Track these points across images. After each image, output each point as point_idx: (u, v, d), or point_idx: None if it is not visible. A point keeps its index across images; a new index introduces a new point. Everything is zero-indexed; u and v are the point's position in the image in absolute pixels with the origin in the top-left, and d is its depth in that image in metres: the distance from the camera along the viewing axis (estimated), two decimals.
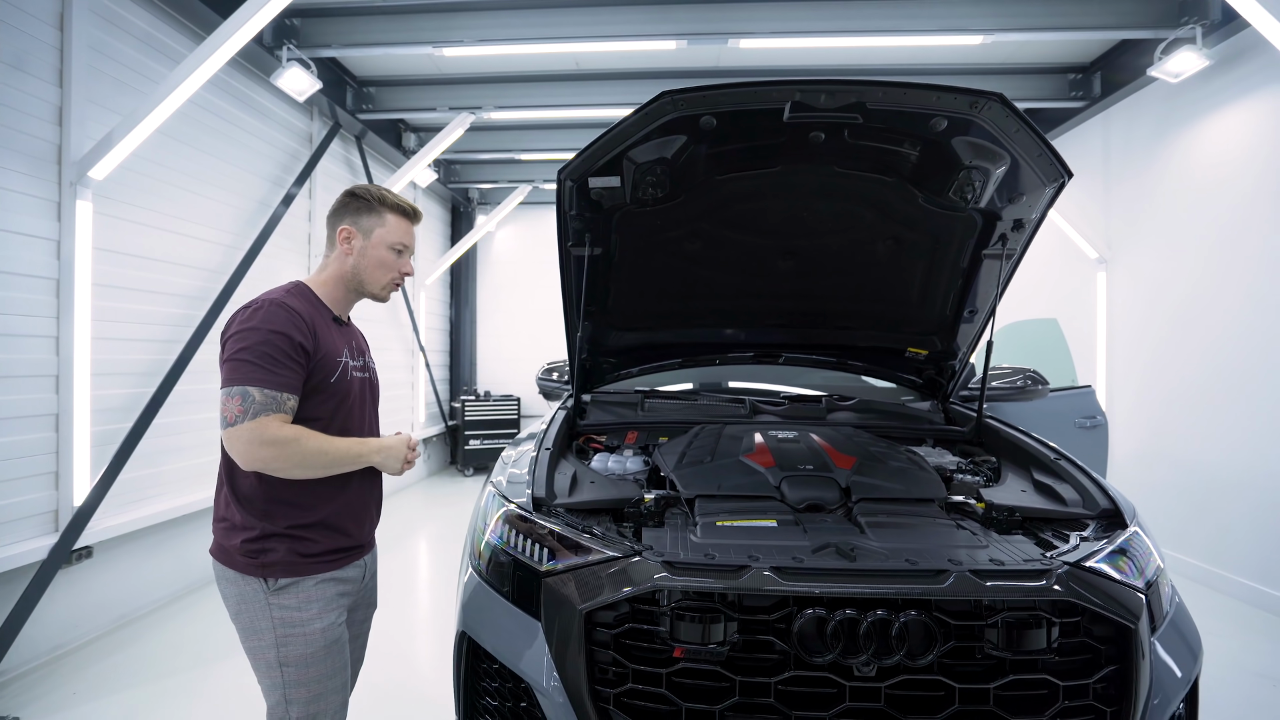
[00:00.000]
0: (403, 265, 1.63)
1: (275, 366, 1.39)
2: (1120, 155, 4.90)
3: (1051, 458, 1.96)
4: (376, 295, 1.65)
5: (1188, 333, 4.25)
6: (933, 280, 2.30)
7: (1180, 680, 1.44)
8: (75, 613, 3.19)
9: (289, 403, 1.41)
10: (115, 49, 3.38)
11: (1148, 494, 4.56)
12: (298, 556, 1.47)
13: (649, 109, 1.69)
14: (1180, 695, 1.43)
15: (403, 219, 1.62)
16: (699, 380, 3.22)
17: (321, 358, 1.49)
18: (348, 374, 1.57)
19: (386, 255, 1.60)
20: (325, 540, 1.51)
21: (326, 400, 1.51)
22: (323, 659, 1.49)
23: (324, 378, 1.50)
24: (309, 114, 5.07)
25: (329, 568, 1.52)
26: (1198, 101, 4.15)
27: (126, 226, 3.47)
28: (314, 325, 1.49)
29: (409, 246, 1.65)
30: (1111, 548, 1.48)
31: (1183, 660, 1.46)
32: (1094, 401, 3.65)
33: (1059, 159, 1.76)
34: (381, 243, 1.58)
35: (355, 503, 1.58)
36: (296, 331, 1.43)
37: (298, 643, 1.46)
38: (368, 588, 1.72)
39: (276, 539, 1.46)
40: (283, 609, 1.46)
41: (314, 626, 1.48)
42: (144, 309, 3.55)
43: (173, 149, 3.74)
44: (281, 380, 1.40)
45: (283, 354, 1.41)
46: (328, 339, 1.52)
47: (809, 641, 1.28)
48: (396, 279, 1.64)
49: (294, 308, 1.47)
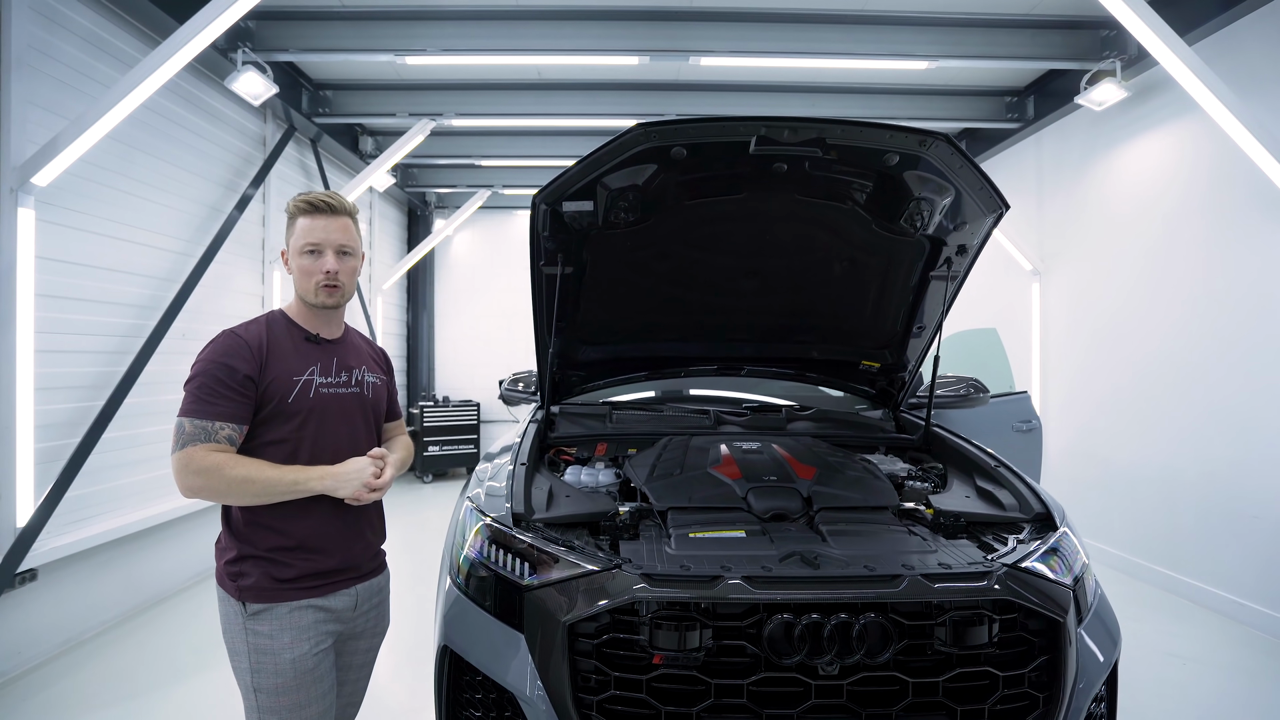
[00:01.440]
0: (322, 264, 1.55)
1: (210, 398, 1.41)
2: (1052, 174, 5.26)
3: (991, 465, 2.13)
4: (315, 304, 1.58)
5: (1112, 341, 4.61)
6: (884, 299, 2.46)
7: (1102, 664, 1.61)
8: (18, 639, 3.05)
9: (222, 431, 1.42)
10: (57, 48, 3.24)
11: (1075, 489, 4.92)
12: (272, 581, 1.47)
13: (623, 139, 1.77)
14: (1102, 678, 1.60)
15: (310, 217, 1.55)
16: (666, 389, 3.31)
17: (271, 380, 1.49)
18: (311, 391, 1.54)
19: (302, 260, 1.55)
20: (301, 564, 1.50)
21: (286, 421, 1.50)
22: (293, 689, 1.47)
23: (279, 399, 1.49)
24: (263, 117, 4.94)
25: (305, 594, 1.50)
26: (1120, 128, 4.51)
27: (72, 234, 3.33)
28: (265, 350, 1.50)
29: (322, 243, 1.55)
30: (1044, 549, 1.64)
31: (1104, 646, 1.64)
32: (1029, 406, 3.93)
33: (997, 192, 1.93)
34: (295, 250, 1.56)
35: (333, 525, 1.55)
36: (235, 359, 1.45)
37: (268, 671, 1.46)
38: (367, 616, 1.67)
39: (252, 562, 1.47)
40: (256, 635, 1.47)
41: (284, 657, 1.46)
42: (91, 319, 3.41)
43: (120, 153, 3.61)
44: (213, 410, 1.41)
45: (218, 384, 1.43)
46: (284, 360, 1.52)
47: (778, 645, 1.39)
48: (321, 280, 1.55)
49: (242, 335, 1.50)
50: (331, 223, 1.56)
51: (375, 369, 1.76)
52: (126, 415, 3.58)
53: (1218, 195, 3.81)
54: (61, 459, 3.23)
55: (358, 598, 1.62)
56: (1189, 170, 4.00)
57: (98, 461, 3.42)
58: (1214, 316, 3.82)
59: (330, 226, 1.56)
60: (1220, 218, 3.80)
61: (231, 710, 2.74)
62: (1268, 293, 3.52)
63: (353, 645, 1.66)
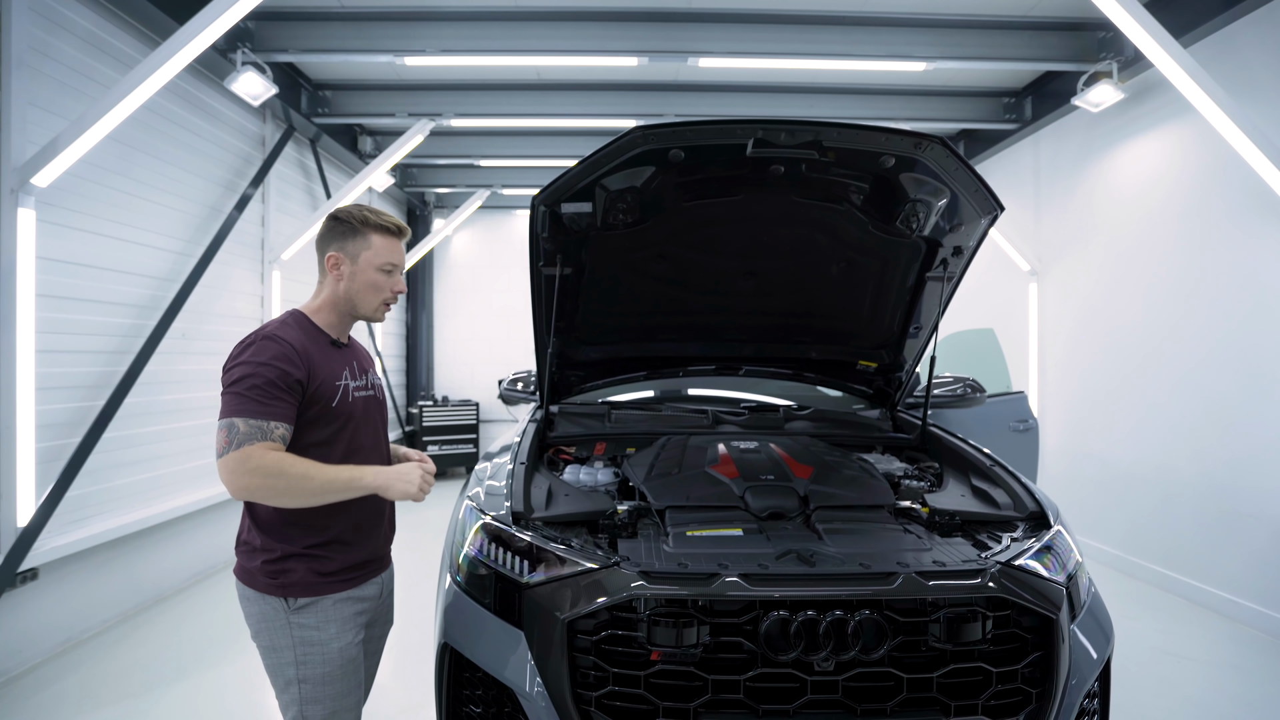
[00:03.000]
0: (394, 284, 1.64)
1: (262, 398, 1.42)
2: (1049, 175, 5.28)
3: (987, 464, 2.15)
4: (370, 317, 1.66)
5: (1108, 340, 4.63)
6: (881, 300, 2.47)
7: (1095, 661, 1.63)
8: (19, 638, 3.06)
9: (277, 431, 1.43)
10: (57, 49, 3.25)
11: (1072, 488, 4.94)
12: (316, 576, 1.52)
13: (622, 142, 1.79)
14: (1095, 674, 1.62)
15: (388, 238, 1.62)
16: (666, 389, 3.33)
17: (319, 385, 1.52)
18: (349, 396, 1.61)
19: (376, 277, 1.61)
20: (341, 557, 1.56)
21: (329, 424, 1.55)
22: (339, 678, 1.54)
23: (325, 403, 1.53)
24: (262, 117, 4.94)
25: (346, 586, 1.58)
26: (1117, 130, 4.53)
27: (72, 234, 3.34)
28: (308, 354, 1.52)
29: (398, 265, 1.65)
30: (1038, 547, 1.66)
31: (1097, 643, 1.66)
32: (1026, 406, 3.95)
33: (992, 194, 1.95)
34: (369, 265, 1.60)
35: (366, 519, 1.62)
36: (287, 363, 1.46)
37: (316, 662, 1.51)
38: (384, 604, 1.76)
39: (295, 559, 1.51)
40: (302, 628, 1.51)
41: (332, 646, 1.53)
42: (92, 319, 3.42)
43: (120, 154, 3.62)
44: (268, 410, 1.42)
45: (271, 385, 1.43)
46: (325, 365, 1.56)
47: (774, 641, 1.41)
48: (389, 299, 1.65)
49: (286, 339, 1.50)
50: (402, 245, 1.68)
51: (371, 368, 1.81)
52: (127, 415, 3.59)
53: (1213, 196, 3.83)
54: (62, 459, 3.24)
55: (383, 586, 1.71)
56: (1185, 171, 4.02)
57: (98, 461, 3.43)
58: (1210, 317, 3.85)
59: (402, 250, 1.67)
60: (1216, 219, 3.82)
61: (231, 707, 2.76)
62: (1263, 293, 3.54)
63: (370, 633, 1.71)
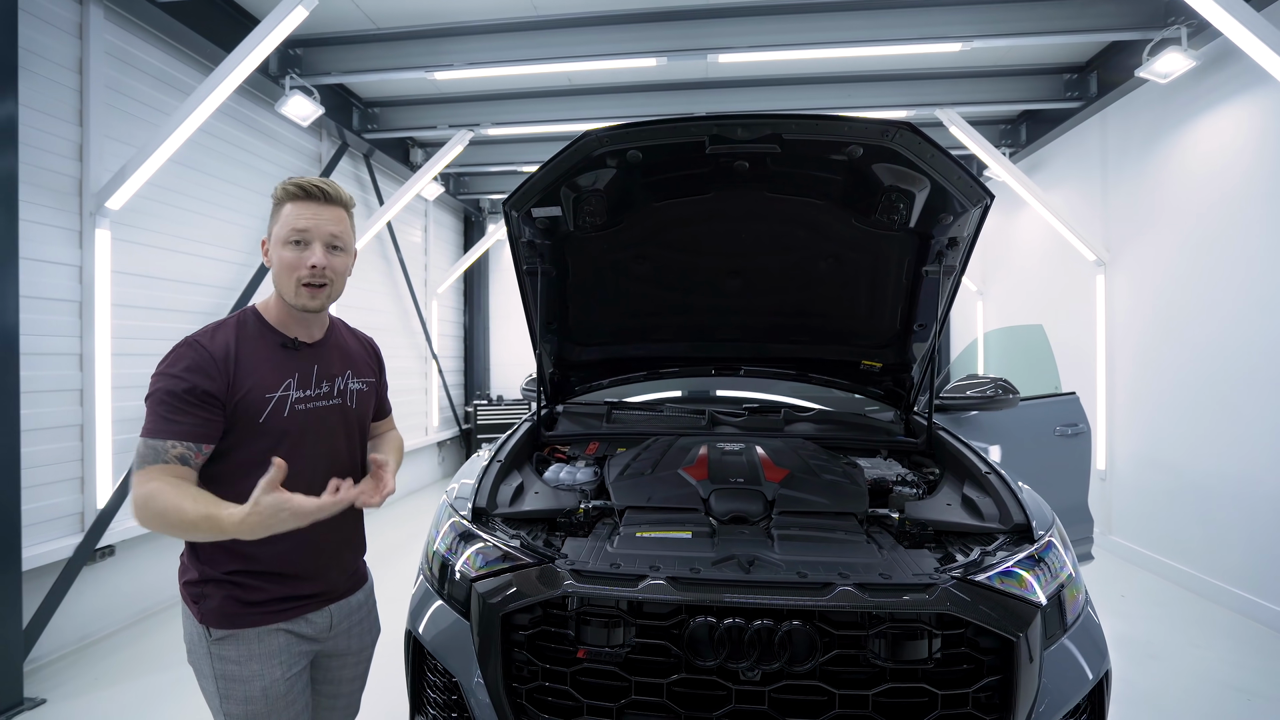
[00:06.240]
0: (307, 258, 1.33)
1: (165, 413, 1.25)
2: (1117, 155, 4.82)
3: (983, 470, 2.01)
4: (294, 305, 1.37)
5: (1185, 337, 4.17)
6: (877, 296, 2.36)
7: (1079, 683, 1.49)
8: (99, 606, 3.47)
9: (173, 450, 1.24)
10: (130, 86, 3.65)
11: (1141, 498, 4.49)
12: (237, 605, 1.33)
13: (575, 146, 1.81)
14: (1079, 697, 1.49)
15: (296, 203, 1.34)
16: (692, 389, 3.30)
17: (243, 397, 1.31)
18: (286, 410, 1.37)
19: (283, 253, 1.33)
20: (273, 589, 1.36)
21: (258, 441, 1.33)
22: (264, 715, 1.35)
23: (250, 418, 1.32)
24: (317, 135, 5.33)
25: (276, 619, 1.36)
26: (1190, 102, 4.07)
27: (142, 250, 3.74)
28: (235, 362, 1.32)
29: (310, 230, 1.33)
30: (1011, 562, 1.54)
31: (1086, 663, 1.51)
32: (1077, 409, 3.62)
33: (978, 181, 1.82)
34: (277, 241, 1.35)
35: (309, 548, 1.37)
36: (198, 374, 1.27)
37: (237, 699, 1.34)
38: (349, 635, 1.54)
39: (214, 585, 1.33)
40: (223, 660, 1.34)
41: (254, 685, 1.34)
42: (160, 326, 3.82)
43: (185, 176, 4.01)
44: (167, 428, 1.24)
45: (175, 399, 1.25)
46: (258, 375, 1.34)
47: (698, 646, 1.39)
48: (304, 277, 1.34)
49: (203, 346, 1.31)
50: (323, 210, 1.35)
51: (364, 371, 1.58)
52: None
53: None
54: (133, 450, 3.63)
55: (333, 617, 1.48)
56: (1270, 144, 3.55)
57: None
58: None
59: (321, 215, 1.35)
60: None
61: None
62: None
63: (339, 662, 1.54)
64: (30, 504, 2.99)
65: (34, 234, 3.10)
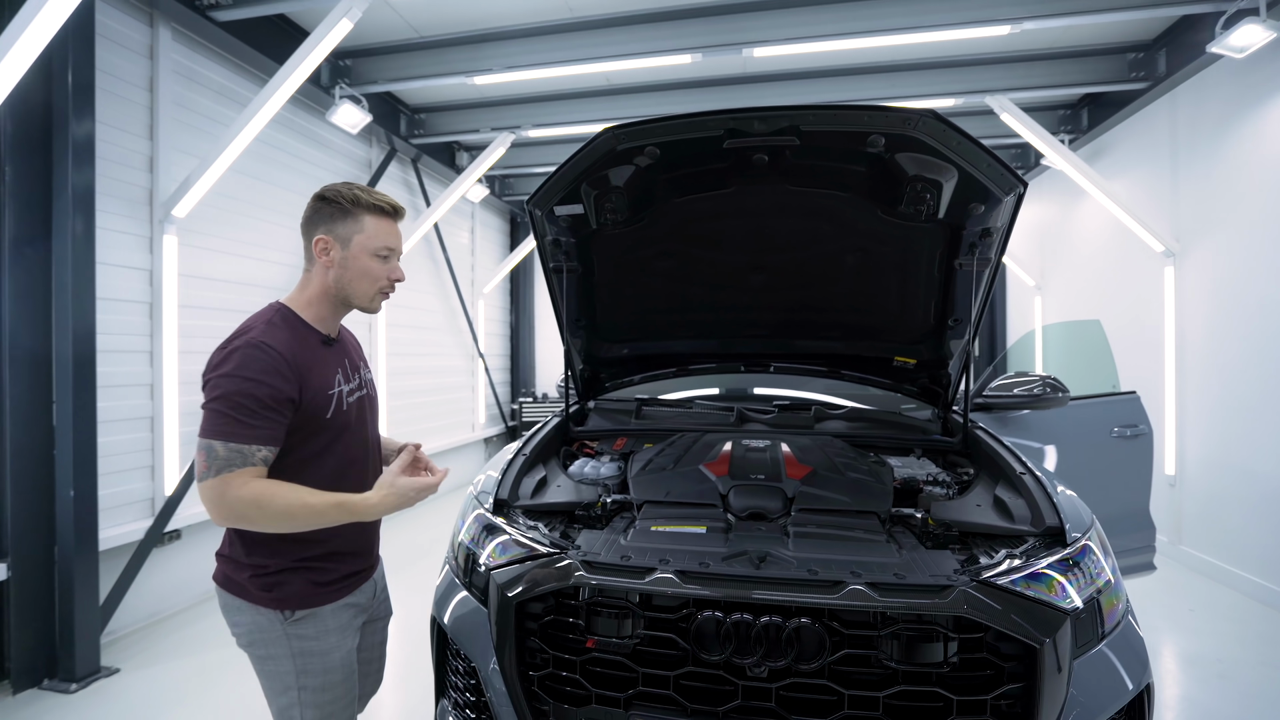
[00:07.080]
0: (391, 271, 1.48)
1: (246, 418, 1.28)
2: (1188, 139, 4.49)
3: (1017, 471, 1.92)
4: (365, 308, 1.50)
5: (1262, 333, 3.85)
6: (908, 290, 2.29)
7: (1111, 698, 1.42)
8: (167, 586, 3.74)
9: (259, 454, 1.30)
10: (194, 101, 3.90)
11: (1211, 504, 4.19)
12: (314, 587, 1.45)
13: (593, 144, 1.83)
14: (1106, 715, 1.41)
15: (383, 219, 1.46)
16: (710, 388, 3.29)
17: (311, 398, 1.39)
18: (343, 404, 1.48)
19: (370, 264, 1.45)
20: (341, 567, 1.51)
21: (321, 437, 1.43)
22: (339, 683, 1.49)
23: (318, 417, 1.41)
24: (368, 142, 5.56)
25: (343, 594, 1.51)
26: (1271, 78, 3.75)
27: (205, 254, 3.99)
28: (299, 364, 1.37)
29: (395, 249, 1.48)
30: (1039, 566, 1.48)
31: (1113, 679, 1.44)
32: (1138, 409, 3.40)
33: (1008, 168, 1.75)
34: (362, 250, 1.43)
35: (364, 527, 1.54)
36: (278, 378, 1.32)
37: (316, 670, 1.46)
38: (379, 601, 1.71)
39: (290, 573, 1.43)
40: (301, 639, 1.44)
41: (333, 656, 1.47)
42: (223, 325, 4.00)
43: (244, 184, 4.26)
44: (251, 433, 1.29)
45: (258, 404, 1.29)
46: (318, 374, 1.42)
47: (705, 641, 1.39)
48: (385, 287, 1.49)
49: (274, 348, 1.34)
50: (398, 227, 1.51)
51: (364, 361, 1.68)
52: None
53: None
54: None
55: (376, 586, 1.67)
56: None
57: None
58: None
59: (399, 233, 1.51)
60: None
61: None
62: None
63: (371, 628, 1.70)
64: (106, 489, 3.24)
65: (110, 241, 3.36)
